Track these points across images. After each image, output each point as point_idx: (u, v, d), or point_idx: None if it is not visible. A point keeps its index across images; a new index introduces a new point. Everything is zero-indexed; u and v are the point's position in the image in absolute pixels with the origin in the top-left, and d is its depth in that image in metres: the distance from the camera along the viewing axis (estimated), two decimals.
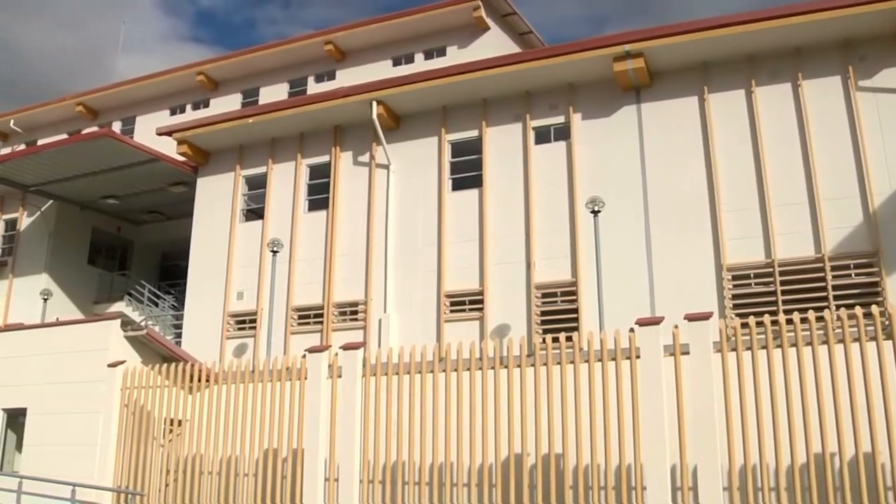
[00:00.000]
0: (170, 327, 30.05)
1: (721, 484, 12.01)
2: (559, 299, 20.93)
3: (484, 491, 13.99)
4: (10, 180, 30.75)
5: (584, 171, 21.50)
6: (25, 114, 43.23)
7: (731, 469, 12.19)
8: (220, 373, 17.91)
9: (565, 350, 13.80)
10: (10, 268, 32.75)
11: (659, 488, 12.34)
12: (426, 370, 14.95)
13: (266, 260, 24.45)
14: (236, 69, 37.11)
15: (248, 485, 16.67)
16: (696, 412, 12.50)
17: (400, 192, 23.70)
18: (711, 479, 12.06)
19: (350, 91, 24.02)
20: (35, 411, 20.42)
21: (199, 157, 27.10)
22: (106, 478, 18.59)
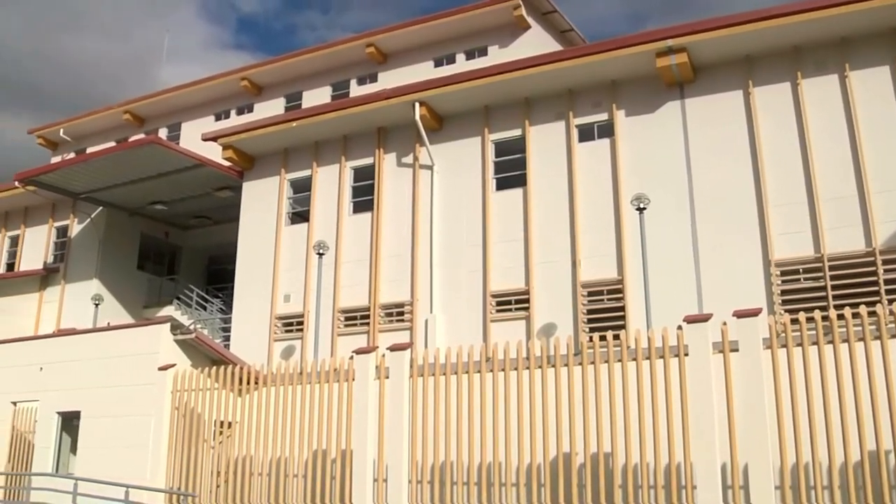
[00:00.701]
0: (218, 330, 30.35)
1: (773, 482, 11.88)
2: (605, 297, 20.82)
3: (533, 490, 13.97)
4: (61, 188, 31.26)
5: (628, 168, 21.36)
6: (74, 123, 43.91)
7: (782, 467, 12.06)
8: (268, 375, 18.07)
9: (613, 348, 13.74)
10: (62, 274, 33.31)
11: (709, 487, 12.24)
12: (473, 370, 14.96)
13: (312, 262, 24.60)
14: (279, 74, 37.38)
15: (298, 485, 16.81)
16: (747, 410, 12.38)
17: (444, 192, 23.74)
18: (763, 478, 11.93)
19: (392, 93, 24.09)
20: (89, 414, 20.77)
21: (245, 162, 27.35)
22: (158, 479, 18.85)
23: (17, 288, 33.03)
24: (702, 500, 12.24)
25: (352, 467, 15.85)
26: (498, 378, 14.69)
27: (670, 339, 13.26)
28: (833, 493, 11.87)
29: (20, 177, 30.90)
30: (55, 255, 34.27)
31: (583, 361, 13.98)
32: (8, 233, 36.26)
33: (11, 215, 36.17)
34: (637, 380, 13.33)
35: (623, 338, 13.85)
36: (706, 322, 13.05)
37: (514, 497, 14.14)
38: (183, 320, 28.33)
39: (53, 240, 34.52)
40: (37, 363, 22.52)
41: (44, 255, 34.32)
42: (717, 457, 12.36)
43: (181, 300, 32.51)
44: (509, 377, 14.59)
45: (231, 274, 27.91)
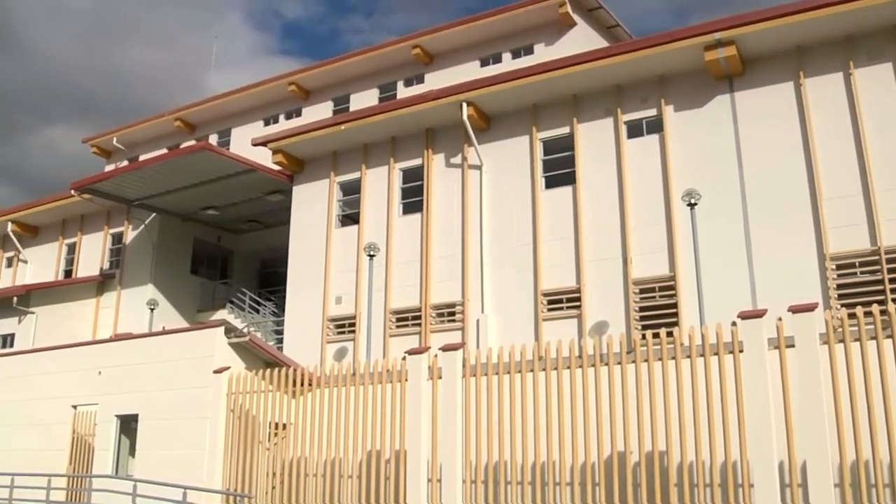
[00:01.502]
0: (271, 333, 30.65)
1: (832, 480, 11.69)
2: (657, 294, 20.68)
3: (587, 490, 13.91)
4: (116, 195, 31.81)
5: (678, 163, 21.19)
6: (126, 131, 44.65)
7: (842, 465, 11.86)
8: (321, 376, 18.20)
9: (666, 346, 13.63)
10: (118, 279, 33.88)
11: (767, 485, 12.08)
12: (526, 369, 14.94)
13: (363, 264, 24.75)
14: (326, 77, 37.66)
15: (352, 486, 16.90)
16: (804, 406, 12.20)
17: (493, 192, 23.73)
18: (822, 476, 11.75)
19: (440, 93, 24.15)
20: (146, 417, 21.07)
21: (294, 166, 27.58)
22: (215, 481, 19.07)
23: (76, 294, 33.68)
24: (759, 498, 12.09)
25: (406, 467, 15.89)
26: (551, 377, 14.64)
27: (725, 335, 13.13)
28: (894, 490, 11.67)
29: (76, 185, 31.50)
30: (111, 261, 34.87)
31: (636, 359, 13.88)
32: (65, 240, 36.97)
33: (68, 223, 36.89)
34: (691, 377, 13.21)
35: (677, 335, 13.74)
36: (761, 318, 12.89)
37: (569, 496, 14.09)
38: (236, 324, 28.64)
39: (109, 246, 35.13)
40: (95, 367, 22.91)
41: (100, 261, 34.95)
42: (775, 454, 12.20)
43: (234, 304, 32.88)
44: (562, 376, 14.54)
45: (283, 277, 28.17)
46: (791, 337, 12.56)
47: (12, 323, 32.20)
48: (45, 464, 22.44)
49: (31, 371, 24.80)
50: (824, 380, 12.16)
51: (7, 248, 39.28)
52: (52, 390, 23.65)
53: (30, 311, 31.99)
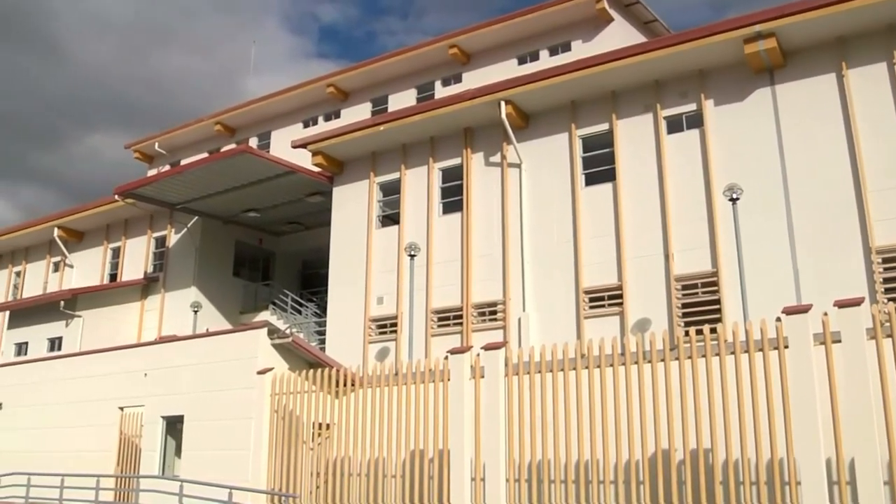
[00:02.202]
0: (313, 334, 30.82)
1: (881, 477, 11.54)
2: (700, 291, 20.51)
3: (631, 488, 13.85)
4: (158, 200, 32.18)
5: (719, 158, 21.00)
6: (168, 136, 45.17)
7: (891, 462, 11.70)
8: (364, 377, 18.29)
9: (710, 342, 13.53)
10: (161, 282, 34.27)
11: (814, 483, 11.95)
12: (568, 368, 14.90)
13: (404, 264, 24.81)
14: (364, 79, 37.81)
15: (396, 486, 16.96)
16: (851, 402, 12.04)
17: (533, 190, 23.68)
18: (870, 473, 11.59)
19: (477, 92, 24.13)
20: (191, 418, 21.30)
21: (334, 167, 27.72)
22: (260, 480, 19.24)
23: (121, 297, 34.14)
24: (807, 496, 11.96)
25: (449, 467, 15.92)
26: (593, 375, 14.60)
27: (769, 331, 13.01)
28: None
29: (119, 190, 31.93)
30: (155, 264, 35.28)
31: (679, 356, 13.79)
32: (110, 245, 37.47)
33: (113, 228, 37.39)
34: (736, 374, 13.09)
35: (720, 331, 13.63)
36: (806, 313, 12.74)
37: (613, 495, 14.04)
38: (279, 325, 28.85)
39: (152, 250, 35.55)
40: (141, 369, 23.20)
41: (144, 265, 35.37)
42: (822, 452, 12.06)
43: (276, 305, 33.10)
44: (605, 374, 14.49)
45: (324, 278, 28.32)
46: (837, 332, 12.41)
47: (60, 326, 32.70)
48: (93, 464, 22.80)
49: (79, 373, 25.21)
50: (871, 375, 11.99)
51: (54, 253, 39.91)
52: (100, 392, 24.01)
53: (76, 314, 32.47)
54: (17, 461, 25.08)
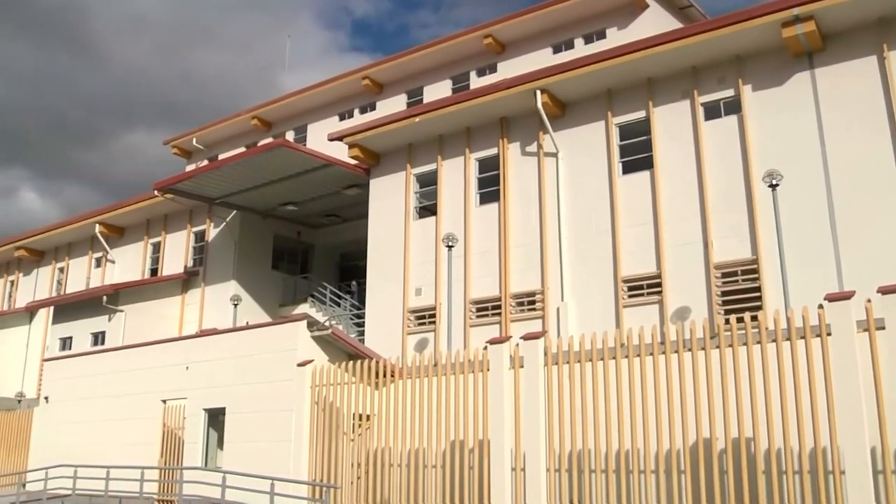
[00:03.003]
0: (352, 326, 30.96)
1: None
2: (740, 278, 20.34)
3: (672, 478, 13.80)
4: (197, 194, 32.48)
5: (758, 144, 20.78)
6: (205, 132, 45.53)
7: None
8: (403, 368, 18.35)
9: (751, 330, 13.42)
10: (201, 276, 34.59)
11: (859, 472, 11.82)
12: (608, 357, 14.86)
13: (441, 255, 24.84)
14: (399, 71, 37.83)
15: (436, 476, 17.01)
16: None
17: (570, 179, 23.59)
18: None
19: (513, 82, 24.07)
20: (233, 410, 21.51)
21: (370, 159, 27.79)
22: (301, 471, 19.39)
23: (162, 292, 34.51)
24: (851, 485, 11.84)
25: (489, 457, 15.94)
26: (633, 364, 14.54)
27: (811, 318, 12.88)
28: None
29: (158, 186, 32.24)
30: (194, 258, 35.61)
31: (720, 344, 13.69)
32: (150, 240, 37.88)
33: (153, 223, 37.79)
34: (778, 362, 12.97)
35: (761, 319, 13.51)
36: (849, 300, 12.60)
37: (654, 485, 13.99)
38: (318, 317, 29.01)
39: (192, 244, 35.88)
40: (183, 363, 23.45)
41: (184, 259, 35.73)
42: (867, 440, 11.92)
43: (315, 297, 33.29)
44: (645, 363, 14.42)
45: (363, 270, 28.42)
46: (881, 319, 12.26)
47: (103, 321, 33.13)
48: (137, 456, 23.10)
49: (122, 367, 25.53)
50: None
51: (96, 249, 40.42)
52: (143, 385, 24.31)
53: (119, 309, 32.88)
54: (63, 454, 25.48)
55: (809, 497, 12.44)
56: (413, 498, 17.21)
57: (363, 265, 28.26)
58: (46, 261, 44.06)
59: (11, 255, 44.90)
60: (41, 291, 43.29)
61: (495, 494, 15.65)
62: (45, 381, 29.96)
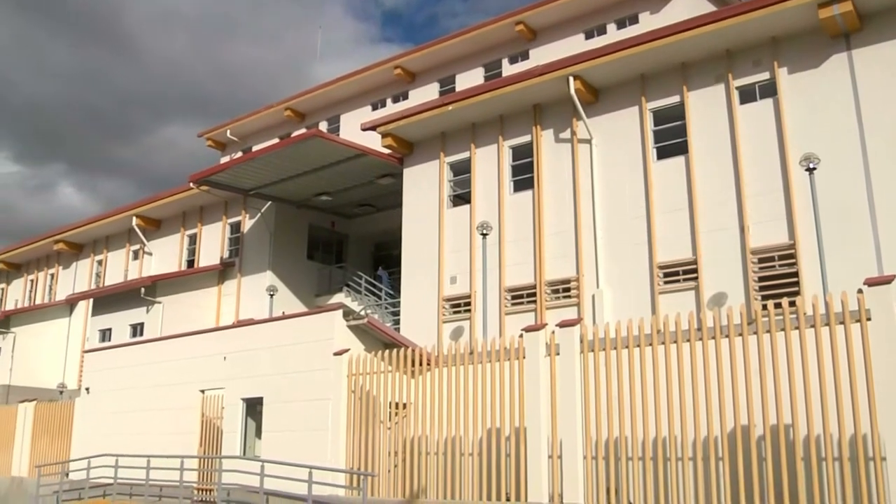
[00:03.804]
0: (387, 315, 31.04)
1: None
2: (777, 263, 20.14)
3: (710, 465, 13.73)
4: (232, 186, 32.68)
5: (794, 127, 20.53)
6: (239, 123, 45.78)
7: None
8: (439, 356, 18.39)
9: (789, 315, 13.30)
10: (237, 267, 34.84)
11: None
12: (644, 343, 14.79)
13: (476, 243, 24.82)
14: (431, 59, 37.77)
15: (472, 464, 17.05)
16: None
17: (604, 165, 23.47)
18: None
19: (546, 69, 23.95)
20: (270, 400, 21.69)
21: (404, 148, 27.81)
22: (339, 460, 19.53)
23: (198, 283, 34.81)
24: (892, 472, 11.72)
25: (526, 445, 15.95)
26: (670, 350, 14.48)
27: (850, 303, 12.74)
28: None
29: (194, 178, 32.49)
30: (230, 249, 35.86)
31: (758, 330, 13.59)
32: (187, 231, 38.20)
33: (189, 215, 38.10)
34: (816, 348, 12.86)
35: (799, 304, 13.38)
36: (889, 284, 12.45)
37: (692, 471, 13.93)
38: (353, 306, 29.12)
39: (228, 236, 36.13)
40: (220, 353, 23.67)
41: (220, 250, 36.00)
42: None
43: (350, 287, 33.41)
44: (681, 349, 14.35)
45: (397, 259, 28.48)
46: None
47: (141, 313, 33.49)
48: (176, 446, 23.37)
49: (161, 358, 25.82)
50: None
51: (133, 241, 40.85)
52: (181, 376, 24.58)
53: (156, 300, 33.21)
54: (104, 443, 25.87)
55: (850, 484, 12.33)
56: (449, 486, 17.27)
57: (398, 254, 28.32)
58: (85, 254, 44.63)
59: (51, 248, 45.54)
60: (80, 284, 43.86)
61: (532, 482, 15.66)
62: (85, 373, 30.41)
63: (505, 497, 16.25)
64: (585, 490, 15.05)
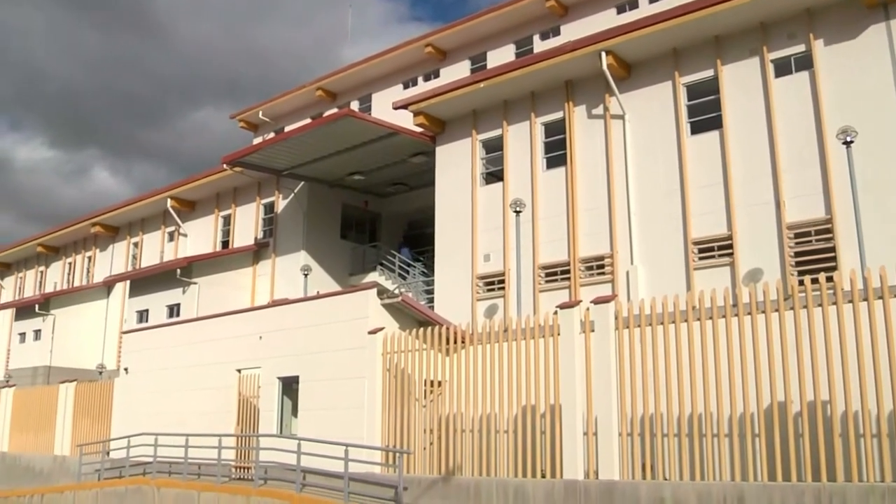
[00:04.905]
0: (422, 293, 31.10)
1: None
2: (814, 238, 19.93)
3: (747, 441, 13.67)
4: (265, 167, 32.81)
5: (831, 99, 20.24)
6: (271, 104, 45.88)
7: None
8: (474, 334, 18.42)
9: (826, 291, 13.18)
10: (272, 248, 35.04)
11: None
12: (679, 320, 14.73)
13: (509, 221, 24.77)
14: (462, 37, 37.55)
15: (507, 441, 17.10)
16: None
17: (637, 141, 23.30)
18: None
19: (577, 44, 23.77)
20: (306, 378, 21.87)
21: (436, 127, 27.78)
22: (374, 437, 19.67)
23: (233, 264, 35.07)
24: None
25: (561, 422, 15.97)
26: (705, 326, 14.41)
27: (889, 277, 12.60)
28: None
29: (227, 159, 32.67)
30: (264, 230, 36.07)
31: (794, 306, 13.49)
32: (221, 213, 38.46)
33: (222, 196, 38.36)
34: (854, 323, 12.75)
35: (837, 279, 13.25)
36: None
37: (727, 447, 13.89)
38: (387, 285, 29.21)
39: (262, 216, 36.33)
40: (256, 333, 23.87)
41: (254, 231, 36.21)
42: None
43: (384, 266, 33.48)
44: (717, 325, 14.29)
45: (431, 237, 28.51)
46: None
47: (177, 294, 33.80)
48: (214, 425, 23.65)
49: (198, 338, 26.10)
50: None
51: (168, 223, 41.20)
52: (218, 355, 24.83)
53: (192, 281, 33.49)
54: (142, 423, 26.23)
55: (888, 460, 12.24)
56: (485, 463, 17.34)
57: (431, 233, 28.34)
58: (121, 236, 45.11)
59: (88, 231, 46.09)
60: (117, 266, 44.36)
61: (567, 459, 15.69)
62: (123, 353, 30.82)
63: (540, 474, 16.30)
64: (621, 466, 15.06)
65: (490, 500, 16.66)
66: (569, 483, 15.48)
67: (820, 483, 12.44)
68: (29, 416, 34.14)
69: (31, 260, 53.55)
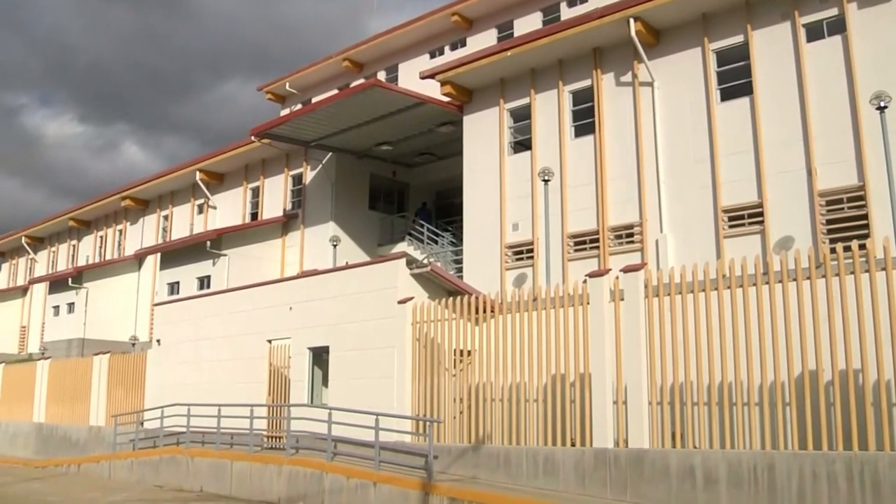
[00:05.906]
0: (450, 263, 31.13)
1: None
2: (846, 206, 19.71)
3: (777, 410, 13.61)
4: (293, 138, 32.89)
5: (864, 64, 19.93)
6: (298, 76, 45.91)
7: None
8: (503, 303, 18.42)
9: (858, 258, 13.04)
10: (300, 219, 35.17)
11: None
12: (710, 288, 14.65)
13: (538, 190, 24.69)
14: (488, 5, 37.28)
15: (537, 410, 17.12)
16: None
17: (666, 108, 23.09)
18: None
19: (605, 11, 23.51)
20: (336, 349, 21.98)
21: (463, 96, 27.67)
22: (404, 407, 19.77)
23: (262, 235, 35.25)
24: None
25: (591, 390, 15.97)
26: (736, 295, 14.31)
27: None
28: None
29: (255, 131, 32.74)
30: (293, 202, 36.19)
31: (826, 273, 13.36)
32: (249, 185, 38.61)
33: (251, 168, 38.50)
34: (888, 290, 12.61)
35: (869, 247, 13.11)
36: None
37: (758, 417, 13.84)
38: (416, 255, 29.25)
39: (290, 188, 36.45)
40: (286, 304, 24.00)
41: (283, 202, 36.35)
42: None
43: (413, 236, 33.53)
44: (748, 293, 14.18)
45: (459, 207, 28.49)
46: None
47: (207, 266, 34.05)
48: (245, 395, 23.90)
49: (228, 310, 26.28)
50: None
51: (197, 195, 41.44)
52: (249, 326, 25.00)
53: (222, 253, 33.72)
54: (174, 393, 26.55)
55: None
56: (514, 432, 17.39)
57: (459, 202, 28.32)
58: (151, 209, 45.44)
59: (118, 205, 46.48)
60: (148, 239, 44.73)
61: (597, 428, 15.71)
62: (155, 325, 31.12)
63: (570, 442, 16.33)
64: (651, 435, 15.05)
65: (520, 468, 16.72)
66: (598, 451, 15.50)
67: (851, 452, 12.37)
68: (64, 387, 34.61)
69: (64, 234, 54.12)
